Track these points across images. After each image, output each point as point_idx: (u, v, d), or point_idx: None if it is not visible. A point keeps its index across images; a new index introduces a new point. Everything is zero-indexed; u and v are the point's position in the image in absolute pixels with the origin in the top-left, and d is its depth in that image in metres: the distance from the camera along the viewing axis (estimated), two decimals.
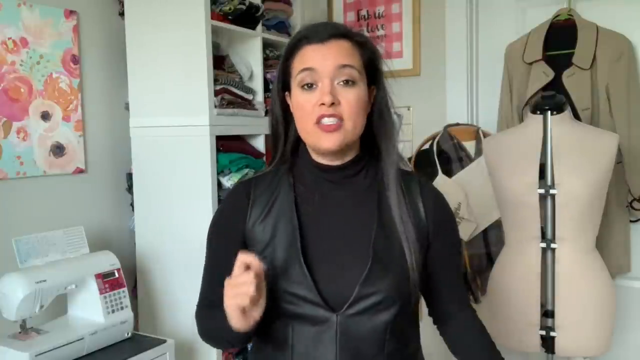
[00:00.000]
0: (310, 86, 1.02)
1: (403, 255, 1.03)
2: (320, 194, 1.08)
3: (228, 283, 0.94)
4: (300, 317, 1.01)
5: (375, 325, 1.01)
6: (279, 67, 1.10)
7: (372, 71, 1.08)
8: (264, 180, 1.12)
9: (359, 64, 1.04)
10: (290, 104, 1.09)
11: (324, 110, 1.00)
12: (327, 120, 1.00)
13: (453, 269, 1.16)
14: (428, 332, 1.25)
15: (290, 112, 1.10)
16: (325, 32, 1.03)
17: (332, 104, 1.00)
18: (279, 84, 1.10)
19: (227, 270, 1.06)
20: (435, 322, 1.19)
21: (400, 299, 1.02)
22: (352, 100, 1.01)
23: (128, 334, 1.83)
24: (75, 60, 2.09)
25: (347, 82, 1.02)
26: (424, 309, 1.20)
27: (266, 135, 2.22)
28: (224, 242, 1.11)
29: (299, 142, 1.12)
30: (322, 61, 1.01)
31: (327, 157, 1.08)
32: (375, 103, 1.09)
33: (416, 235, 1.06)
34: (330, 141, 1.01)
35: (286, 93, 1.10)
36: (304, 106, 1.02)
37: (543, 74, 2.20)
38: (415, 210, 1.08)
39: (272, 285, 1.02)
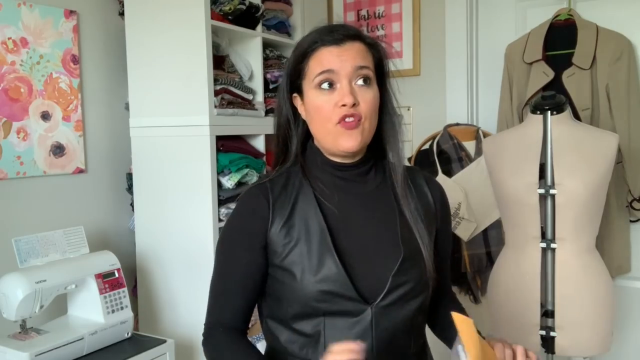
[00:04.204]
0: (329, 87, 1.04)
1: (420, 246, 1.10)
2: (338, 193, 1.10)
3: (333, 349, 0.91)
4: (333, 313, 1.03)
5: (406, 313, 1.06)
6: (289, 69, 1.10)
7: (380, 72, 1.10)
8: (278, 182, 1.12)
9: (372, 64, 1.07)
10: (300, 106, 1.11)
11: (346, 111, 1.02)
12: (348, 120, 1.03)
13: (447, 258, 1.24)
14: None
15: (297, 114, 1.12)
16: (339, 33, 1.06)
17: (354, 104, 1.02)
18: (288, 86, 1.11)
19: (245, 279, 1.09)
20: None
21: (425, 287, 1.08)
22: (369, 100, 1.05)
23: (128, 334, 1.83)
24: (75, 60, 2.09)
25: (365, 82, 1.05)
26: None
27: (266, 135, 2.22)
28: (243, 250, 1.09)
29: (305, 144, 1.15)
30: (340, 63, 1.03)
31: (341, 156, 1.10)
32: (383, 103, 1.11)
33: (426, 224, 1.11)
34: (350, 141, 1.04)
35: (294, 95, 1.11)
36: (322, 107, 1.04)
37: (543, 74, 2.21)
38: (425, 199, 1.15)
39: (303, 285, 1.03)
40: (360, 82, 1.04)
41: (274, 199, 1.09)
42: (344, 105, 1.02)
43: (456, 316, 0.95)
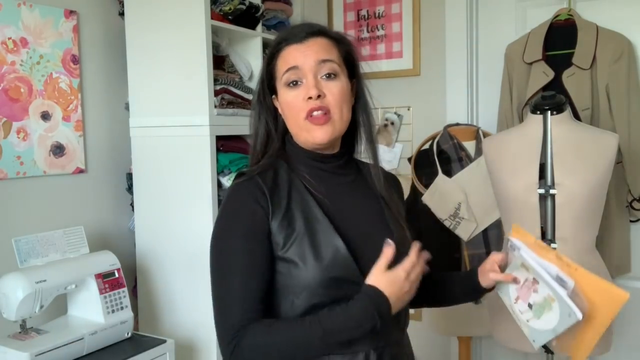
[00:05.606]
0: (295, 83, 1.08)
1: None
2: (324, 184, 1.13)
3: (406, 269, 1.04)
4: (339, 300, 1.02)
5: None
6: (262, 71, 1.15)
7: (351, 65, 1.14)
8: (267, 176, 1.10)
9: (338, 58, 1.11)
10: (279, 106, 1.14)
11: (312, 104, 1.06)
12: (316, 114, 1.06)
13: None
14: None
15: (277, 113, 1.15)
16: (302, 32, 1.10)
17: (319, 96, 1.06)
18: (263, 88, 1.15)
19: (260, 272, 1.04)
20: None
21: None
22: (336, 92, 1.08)
23: (128, 334, 1.83)
24: (75, 60, 2.09)
25: (330, 76, 1.08)
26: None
27: None
28: (258, 244, 1.05)
29: (283, 141, 1.18)
30: (304, 58, 1.08)
31: (321, 149, 1.13)
32: (357, 95, 1.16)
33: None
34: (321, 134, 1.08)
35: (273, 96, 1.14)
36: (292, 103, 1.08)
37: (543, 74, 2.20)
38: (396, 192, 1.23)
39: (309, 273, 1.02)
40: (326, 75, 1.08)
41: (270, 192, 1.07)
42: (310, 98, 1.05)
43: (515, 226, 1.18)
